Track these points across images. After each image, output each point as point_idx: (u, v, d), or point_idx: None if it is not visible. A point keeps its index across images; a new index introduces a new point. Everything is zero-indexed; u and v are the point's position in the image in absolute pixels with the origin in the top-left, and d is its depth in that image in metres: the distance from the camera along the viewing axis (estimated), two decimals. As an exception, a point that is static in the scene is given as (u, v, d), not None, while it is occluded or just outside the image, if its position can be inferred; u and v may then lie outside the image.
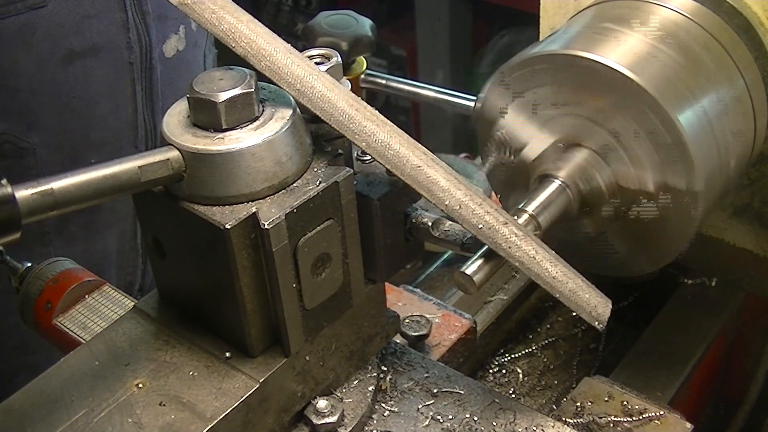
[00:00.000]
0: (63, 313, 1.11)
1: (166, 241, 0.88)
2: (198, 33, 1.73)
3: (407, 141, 0.86)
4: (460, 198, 0.86)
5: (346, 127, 0.84)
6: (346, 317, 0.94)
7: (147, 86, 1.61)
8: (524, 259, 0.89)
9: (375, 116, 0.86)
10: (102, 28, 1.51)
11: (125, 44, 1.54)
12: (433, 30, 3.59)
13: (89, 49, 1.50)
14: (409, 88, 1.41)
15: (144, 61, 1.58)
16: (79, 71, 1.50)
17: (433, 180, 0.86)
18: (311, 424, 0.93)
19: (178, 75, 1.68)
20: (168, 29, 1.64)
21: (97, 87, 1.54)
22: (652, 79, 0.98)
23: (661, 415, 1.03)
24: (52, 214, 0.75)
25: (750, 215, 1.29)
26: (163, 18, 1.61)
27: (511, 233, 0.88)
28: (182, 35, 1.67)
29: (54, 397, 0.86)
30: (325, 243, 0.86)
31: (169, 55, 1.65)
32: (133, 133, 1.62)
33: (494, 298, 1.39)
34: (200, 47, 1.77)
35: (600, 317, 0.94)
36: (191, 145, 0.81)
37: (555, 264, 0.91)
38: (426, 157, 0.86)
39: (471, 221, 0.87)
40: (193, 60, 1.74)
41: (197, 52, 1.76)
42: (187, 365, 0.88)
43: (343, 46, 1.36)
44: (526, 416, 0.98)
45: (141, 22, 1.56)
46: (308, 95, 0.84)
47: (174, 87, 1.67)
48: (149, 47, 1.58)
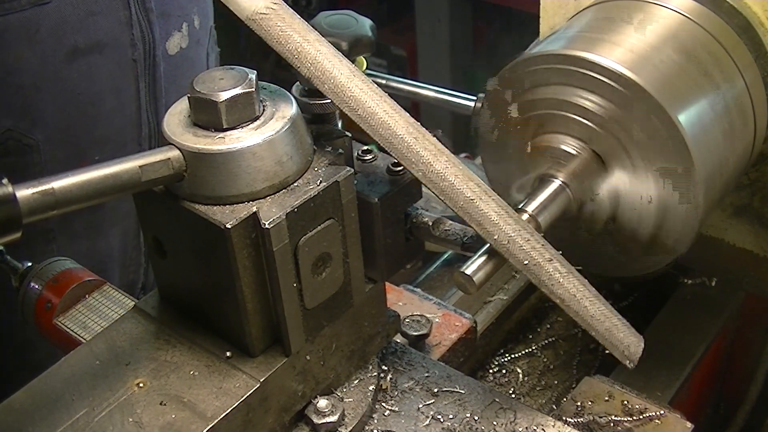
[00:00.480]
0: (63, 312, 1.11)
1: (167, 240, 0.88)
2: (201, 31, 1.73)
3: (462, 172, 0.87)
4: (509, 233, 0.88)
5: (404, 156, 0.85)
6: (347, 317, 0.94)
7: (150, 83, 1.61)
8: (565, 296, 0.92)
9: (433, 145, 0.86)
10: (106, 25, 1.51)
11: (129, 41, 1.54)
12: (433, 30, 3.58)
13: (93, 45, 1.50)
14: (409, 88, 1.41)
15: (148, 58, 1.59)
16: (83, 68, 1.51)
17: (484, 213, 0.87)
18: (312, 423, 0.93)
19: (182, 72, 1.68)
20: (171, 26, 1.64)
21: (101, 84, 1.54)
22: (652, 79, 0.98)
23: (662, 414, 1.03)
24: (53, 213, 0.75)
25: (750, 215, 1.29)
26: (166, 15, 1.61)
27: (555, 270, 0.91)
28: (185, 33, 1.67)
29: (55, 396, 0.86)
30: (325, 242, 0.86)
31: (173, 52, 1.65)
32: (137, 131, 1.62)
33: (494, 298, 1.39)
34: (203, 45, 1.77)
35: (632, 356, 0.97)
36: (192, 144, 0.81)
37: (594, 303, 0.94)
38: (479, 190, 0.87)
39: (518, 257, 0.89)
40: (196, 58, 1.74)
41: (200, 50, 1.76)
42: (188, 365, 0.88)
43: (343, 46, 1.35)
44: (527, 415, 0.98)
45: (144, 19, 1.56)
46: (369, 121, 0.84)
47: (177, 84, 1.67)
48: (153, 44, 1.58)
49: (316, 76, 0.84)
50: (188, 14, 1.68)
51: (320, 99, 0.91)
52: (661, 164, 1.00)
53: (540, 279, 0.91)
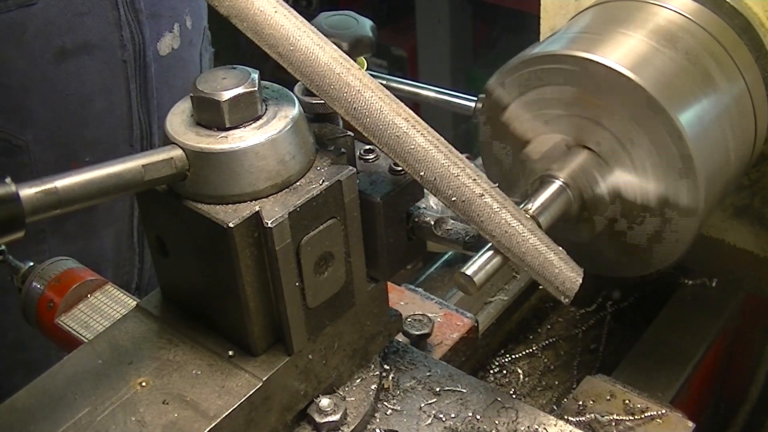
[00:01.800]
0: (65, 312, 1.11)
1: (169, 239, 0.89)
2: (193, 31, 1.73)
3: (390, 106, 0.82)
4: (436, 168, 0.83)
5: (326, 88, 0.80)
6: (349, 316, 0.94)
7: (141, 84, 1.61)
8: (496, 232, 0.87)
9: (359, 78, 0.82)
10: (94, 26, 1.51)
11: (118, 42, 1.54)
12: (434, 30, 3.58)
13: (81, 46, 1.50)
14: (409, 89, 1.41)
15: (138, 59, 1.58)
16: (71, 69, 1.51)
17: (410, 148, 0.82)
18: (314, 422, 0.93)
19: (174, 73, 1.68)
20: (162, 27, 1.63)
21: (91, 85, 1.54)
22: (652, 80, 0.98)
23: (663, 413, 1.04)
24: (56, 212, 0.75)
25: (750, 216, 1.29)
26: (156, 16, 1.61)
27: (485, 206, 0.85)
28: (177, 33, 1.67)
29: (57, 395, 0.86)
30: (327, 242, 0.86)
31: (164, 53, 1.65)
32: (128, 132, 1.62)
33: (495, 298, 1.39)
34: (196, 46, 1.77)
35: (567, 291, 0.92)
36: (194, 143, 0.81)
37: (527, 237, 0.89)
38: (407, 124, 0.82)
39: (445, 193, 0.84)
40: (188, 58, 1.74)
41: (193, 51, 1.76)
42: (190, 364, 0.88)
43: (343, 47, 1.35)
44: (529, 414, 0.98)
45: (134, 20, 1.55)
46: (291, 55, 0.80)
47: (169, 85, 1.67)
48: (143, 45, 1.58)
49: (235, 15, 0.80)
50: (180, 15, 1.67)
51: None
52: (662, 165, 1.00)
53: (470, 216, 0.86)
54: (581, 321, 1.44)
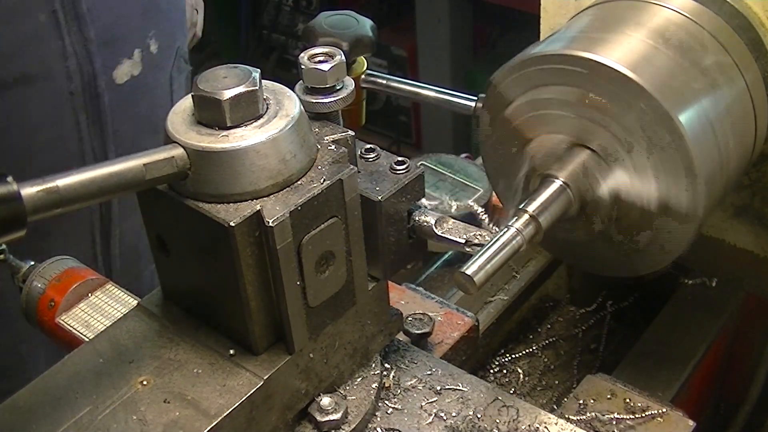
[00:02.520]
0: (66, 311, 1.11)
1: (171, 238, 0.89)
2: (160, 55, 1.64)
3: None
4: None
5: None
6: (350, 315, 0.94)
7: (94, 115, 1.54)
8: None
9: None
10: (35, 58, 1.44)
11: (64, 73, 1.47)
12: (434, 30, 3.59)
13: (22, 78, 1.43)
14: (409, 88, 1.42)
15: (87, 90, 1.51)
16: (13, 101, 1.44)
17: None
18: (315, 421, 0.93)
19: (135, 100, 1.60)
20: (118, 55, 1.55)
21: (35, 117, 1.47)
22: (652, 80, 0.98)
23: (664, 412, 1.04)
24: (58, 211, 0.75)
25: (750, 215, 1.29)
26: (111, 43, 1.53)
27: None
28: (137, 59, 1.58)
29: (58, 394, 0.86)
30: (328, 241, 0.86)
31: (121, 81, 1.56)
32: (81, 163, 1.53)
33: (495, 298, 1.39)
34: (164, 69, 1.68)
35: None
36: (196, 142, 0.81)
37: None
38: None
39: None
40: (154, 83, 1.65)
41: (160, 75, 1.67)
42: (191, 363, 0.88)
43: (343, 47, 1.36)
44: (529, 413, 0.98)
45: (81, 50, 1.48)
46: None
47: (130, 113, 1.58)
48: (93, 75, 1.50)
49: None
50: (142, 39, 1.59)
51: (323, 97, 0.91)
52: (662, 164, 1.00)
53: None
54: (581, 321, 1.45)
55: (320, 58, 0.91)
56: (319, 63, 0.90)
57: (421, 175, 0.95)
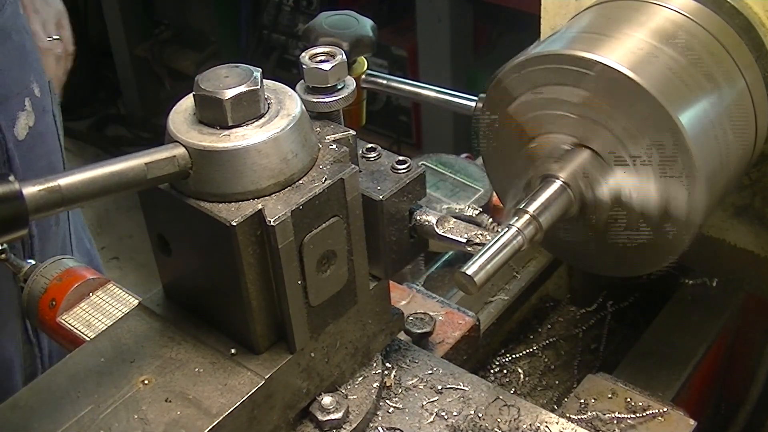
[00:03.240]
0: (67, 310, 1.11)
1: (172, 238, 0.89)
2: (43, 97, 1.57)
3: None
4: None
5: None
6: (351, 314, 0.94)
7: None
8: None
9: None
10: None
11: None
12: (434, 30, 3.58)
13: None
14: (410, 89, 1.42)
15: (0, 156, 1.44)
16: None
17: None
18: (316, 420, 0.93)
19: (36, 152, 1.52)
20: (14, 109, 1.48)
21: None
22: (653, 80, 0.99)
23: (665, 411, 1.04)
24: (59, 210, 0.75)
25: (751, 215, 1.29)
26: (4, 99, 1.46)
27: None
28: (29, 108, 1.51)
29: (60, 393, 0.87)
30: (330, 240, 0.86)
31: (22, 136, 1.48)
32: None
33: (495, 298, 1.39)
34: (48, 111, 1.59)
35: None
36: (197, 142, 0.82)
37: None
38: None
39: None
40: (46, 130, 1.57)
41: (47, 119, 1.59)
42: (193, 362, 0.88)
43: (344, 47, 1.36)
44: (531, 412, 0.98)
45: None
46: None
47: (34, 167, 1.50)
48: (2, 138, 1.44)
49: None
50: (27, 86, 1.52)
51: (325, 97, 0.91)
52: (662, 164, 1.00)
53: None
54: (582, 321, 1.44)
55: (321, 57, 0.91)
56: (321, 62, 0.90)
57: (422, 174, 0.95)
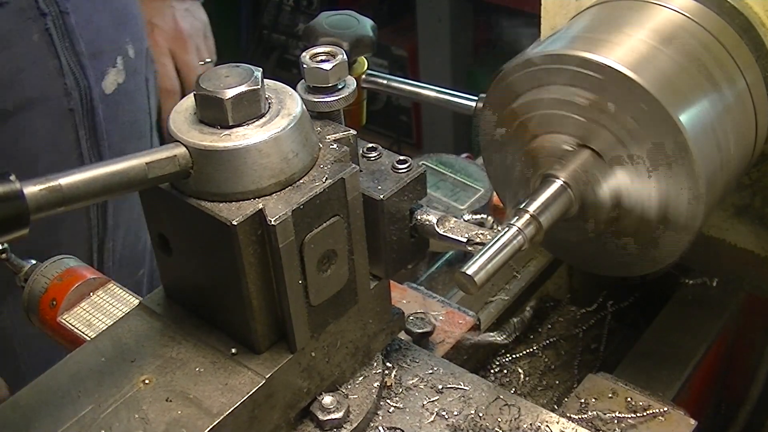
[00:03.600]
0: (68, 310, 1.11)
1: (173, 237, 0.89)
2: (137, 59, 1.66)
3: None
4: None
5: None
6: (352, 314, 0.94)
7: (90, 129, 1.54)
8: None
9: None
10: (35, 81, 1.44)
11: (63, 91, 1.48)
12: (434, 30, 3.59)
13: (23, 104, 1.43)
14: (410, 89, 1.42)
15: (85, 104, 1.52)
16: (14, 128, 1.43)
17: None
18: (317, 419, 0.93)
19: (122, 108, 1.61)
20: (105, 64, 1.57)
21: (36, 140, 1.47)
22: (653, 80, 0.99)
23: (665, 411, 1.04)
24: (60, 210, 0.75)
25: (751, 215, 1.29)
26: (98, 54, 1.54)
27: None
28: (121, 66, 1.60)
29: (60, 393, 0.87)
30: (331, 239, 0.86)
31: (110, 90, 1.58)
32: None
33: (495, 298, 1.39)
34: (141, 73, 1.70)
35: None
36: (198, 141, 0.82)
37: None
38: None
39: None
40: (135, 89, 1.67)
41: (138, 79, 1.69)
42: (193, 361, 0.88)
43: (344, 47, 1.36)
44: (531, 412, 0.98)
45: (76, 64, 1.49)
46: None
47: (118, 122, 1.59)
48: (88, 89, 1.52)
49: None
50: (122, 46, 1.61)
51: (325, 97, 0.91)
52: (663, 164, 1.00)
53: None
54: (582, 321, 1.44)
55: (322, 57, 0.91)
56: (321, 62, 0.90)
57: (422, 174, 0.95)
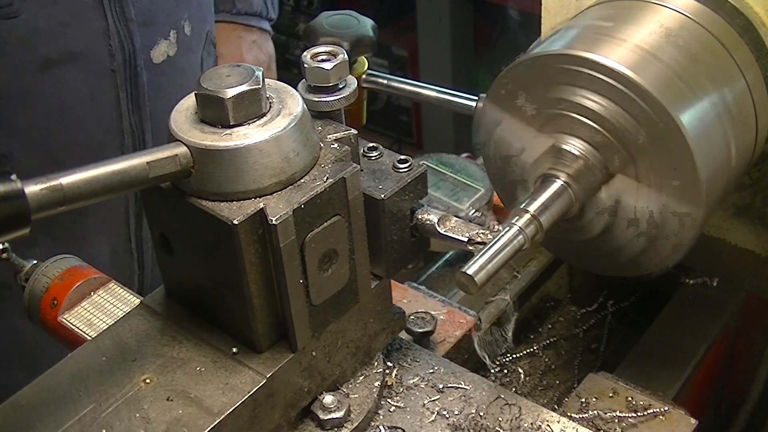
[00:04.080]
0: (69, 310, 1.11)
1: (174, 237, 0.89)
2: (192, 37, 1.71)
3: None
4: None
5: None
6: (353, 313, 0.94)
7: (132, 92, 1.58)
8: None
9: None
10: (79, 36, 1.48)
11: (106, 51, 1.52)
12: (435, 30, 3.59)
13: (66, 56, 1.48)
14: (410, 88, 1.42)
15: (128, 68, 1.56)
16: (56, 78, 1.48)
17: None
18: (318, 419, 0.93)
19: (169, 80, 1.65)
20: (156, 35, 1.60)
21: (76, 93, 1.52)
22: (653, 79, 0.99)
23: (666, 410, 1.04)
24: (61, 209, 0.75)
25: (751, 215, 1.29)
26: (149, 24, 1.58)
27: None
28: (173, 40, 1.63)
29: (61, 392, 0.87)
30: (332, 239, 0.86)
31: (158, 60, 1.62)
32: (119, 139, 1.59)
33: (495, 298, 1.39)
34: (195, 52, 1.74)
35: None
36: (199, 141, 0.82)
37: None
38: None
39: None
40: (186, 65, 1.70)
41: (192, 57, 1.73)
42: (194, 361, 0.88)
43: (344, 47, 1.36)
44: (532, 411, 0.98)
45: (123, 29, 1.52)
46: None
47: (165, 92, 1.63)
48: (133, 54, 1.55)
49: None
50: (177, 21, 1.65)
51: (326, 96, 0.91)
52: (663, 164, 1.00)
53: None
54: (582, 320, 1.45)
55: (323, 56, 0.91)
56: (322, 62, 0.90)
57: (423, 173, 0.95)
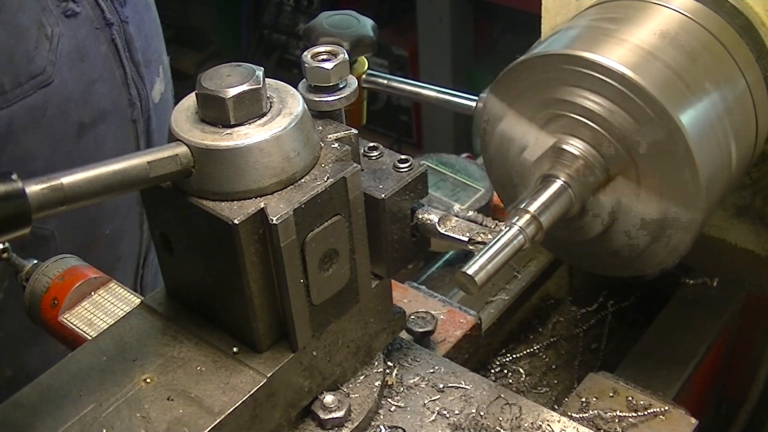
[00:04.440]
0: (69, 309, 1.11)
1: (174, 236, 0.89)
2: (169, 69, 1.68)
3: None
4: None
5: None
6: (353, 313, 0.94)
7: (147, 139, 1.55)
8: None
9: None
10: (105, 91, 1.44)
11: (127, 102, 1.48)
12: (435, 30, 3.60)
13: (97, 116, 1.43)
14: (410, 88, 1.42)
15: (144, 114, 1.53)
16: (90, 142, 1.44)
17: None
18: (318, 418, 0.93)
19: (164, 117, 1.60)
20: (153, 74, 1.57)
21: (108, 154, 1.41)
22: (653, 80, 0.99)
23: (666, 410, 1.04)
24: (62, 209, 0.75)
25: (752, 215, 1.29)
26: (147, 63, 1.54)
27: None
28: (162, 76, 1.61)
29: (62, 392, 0.87)
30: (332, 238, 0.86)
31: (157, 99, 1.58)
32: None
33: (496, 298, 1.39)
34: (170, 80, 1.70)
35: None
36: (200, 140, 0.82)
37: None
38: None
39: None
40: (169, 97, 1.66)
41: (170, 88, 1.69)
42: (195, 360, 0.88)
43: (344, 47, 1.36)
44: (532, 411, 0.98)
45: (136, 75, 1.49)
46: None
47: (162, 131, 1.59)
48: (147, 99, 1.52)
49: None
50: (161, 56, 1.62)
51: (327, 96, 0.91)
52: (663, 164, 1.00)
53: None
54: (582, 320, 1.45)
55: (323, 56, 0.91)
56: (323, 61, 0.91)
57: (424, 173, 0.95)
